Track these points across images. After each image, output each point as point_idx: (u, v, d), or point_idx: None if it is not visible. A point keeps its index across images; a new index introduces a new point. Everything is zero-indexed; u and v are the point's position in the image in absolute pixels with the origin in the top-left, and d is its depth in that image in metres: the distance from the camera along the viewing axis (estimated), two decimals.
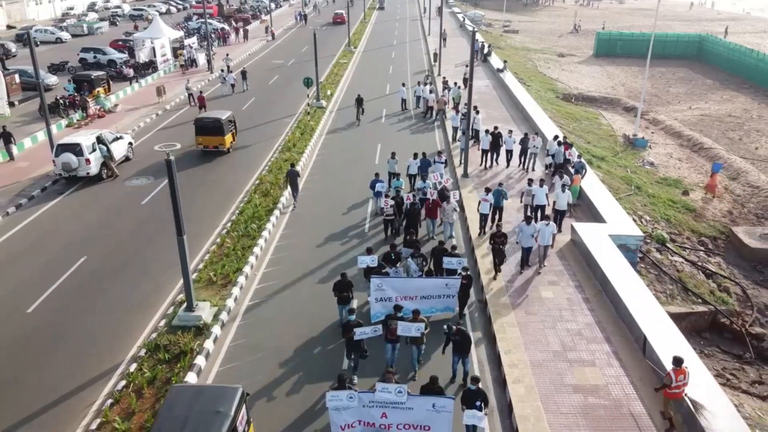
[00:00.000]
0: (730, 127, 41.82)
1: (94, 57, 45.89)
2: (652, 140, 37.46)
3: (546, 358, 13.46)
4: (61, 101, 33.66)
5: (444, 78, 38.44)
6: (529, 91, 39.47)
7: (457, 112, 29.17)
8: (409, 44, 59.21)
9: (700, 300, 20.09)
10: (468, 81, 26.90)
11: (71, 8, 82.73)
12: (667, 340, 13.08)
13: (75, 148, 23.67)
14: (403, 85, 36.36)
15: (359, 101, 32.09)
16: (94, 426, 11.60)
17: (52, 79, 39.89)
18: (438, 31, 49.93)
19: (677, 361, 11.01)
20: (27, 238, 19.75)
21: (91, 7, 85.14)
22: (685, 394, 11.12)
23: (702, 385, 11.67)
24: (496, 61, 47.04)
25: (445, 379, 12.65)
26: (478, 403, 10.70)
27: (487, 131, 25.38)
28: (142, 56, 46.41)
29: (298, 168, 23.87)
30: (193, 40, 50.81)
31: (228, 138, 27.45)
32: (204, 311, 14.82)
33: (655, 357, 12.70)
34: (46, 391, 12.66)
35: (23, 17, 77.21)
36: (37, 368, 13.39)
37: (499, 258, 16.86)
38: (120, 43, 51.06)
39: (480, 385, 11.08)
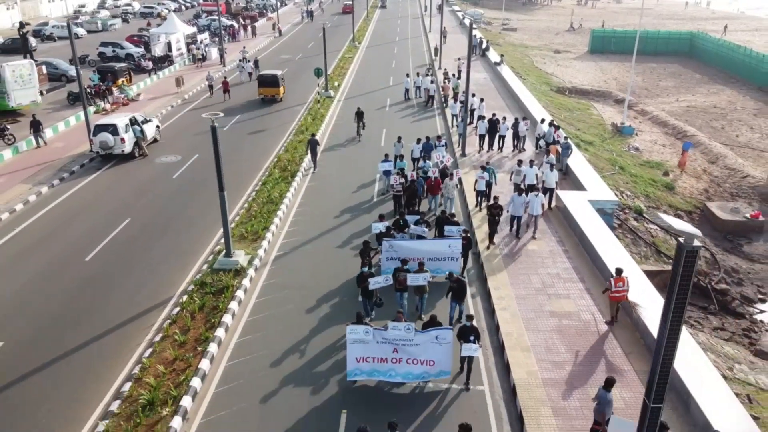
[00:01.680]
0: (714, 117, 44.40)
1: (113, 51, 48.45)
2: (638, 128, 40.05)
3: (529, 293, 16.03)
4: (88, 90, 36.21)
5: (444, 70, 41.01)
6: (524, 84, 42.02)
7: (457, 100, 31.73)
8: (410, 40, 61.79)
9: (671, 260, 22.64)
10: (461, 73, 29.39)
11: (83, 6, 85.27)
12: (634, 281, 15.60)
13: (111, 128, 26.28)
14: (407, 75, 38.92)
15: (359, 114, 29.40)
16: (157, 338, 14.18)
17: (73, 71, 42.43)
18: (438, 28, 52.52)
19: (618, 271, 14.04)
20: (73, 205, 22.33)
21: (102, 5, 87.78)
22: (627, 299, 14.03)
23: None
24: (493, 56, 49.62)
25: (443, 323, 14.99)
26: (471, 338, 12.70)
27: (483, 117, 27.92)
28: (158, 50, 48.95)
29: (317, 137, 26.81)
30: (205, 36, 53.43)
31: (281, 90, 36.64)
32: (240, 257, 17.41)
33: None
34: (113, 317, 15.24)
35: (36, 14, 79.92)
36: (103, 301, 15.97)
37: (492, 228, 18.98)
38: (135, 38, 53.62)
39: (474, 322, 13.22)
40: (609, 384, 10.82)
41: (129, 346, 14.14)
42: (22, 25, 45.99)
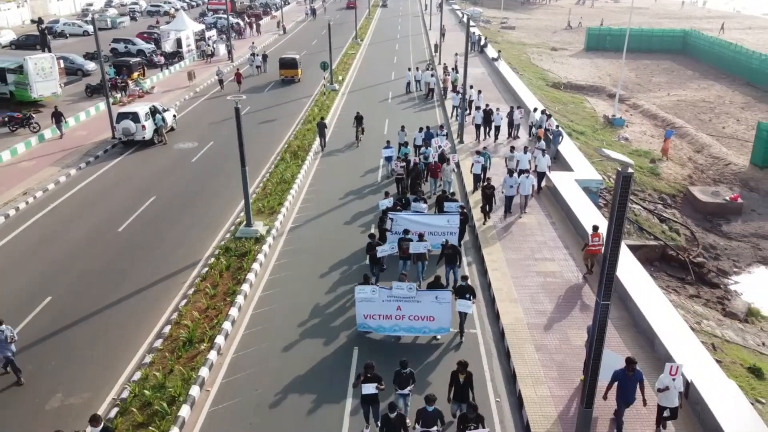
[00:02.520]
0: (703, 110, 46.32)
1: (125, 47, 50.33)
2: (629, 120, 41.98)
3: (518, 257, 17.96)
4: (107, 83, 38.07)
5: (444, 64, 42.92)
6: (521, 79, 43.92)
7: (457, 92, 33.67)
8: (411, 38, 63.71)
9: (652, 237, 24.60)
10: (456, 68, 31.30)
11: (90, 4, 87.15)
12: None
13: (133, 116, 28.21)
14: (409, 69, 40.84)
15: (358, 119, 28.91)
16: (190, 292, 16.10)
17: (91, 65, 44.44)
18: (438, 26, 54.44)
19: (594, 228, 16.03)
20: (101, 185, 24.26)
21: (109, 4, 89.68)
22: (602, 252, 15.96)
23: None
24: (491, 52, 51.54)
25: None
26: (467, 295, 14.51)
27: (478, 108, 29.83)
28: (167, 47, 50.85)
29: (326, 120, 29.28)
30: (212, 33, 55.36)
31: (299, 71, 41.84)
32: (259, 227, 19.34)
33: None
34: (150, 275, 17.18)
35: (45, 12, 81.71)
36: (139, 263, 17.90)
37: (489, 205, 20.80)
38: (145, 35, 55.50)
39: (468, 282, 15.04)
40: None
41: (167, 298, 16.09)
42: (41, 21, 47.94)
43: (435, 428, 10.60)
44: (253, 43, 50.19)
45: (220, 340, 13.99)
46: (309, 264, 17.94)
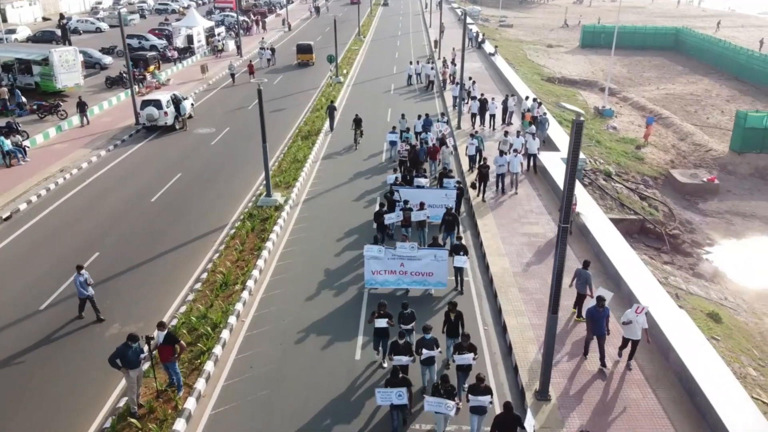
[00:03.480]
0: (689, 103, 48.70)
1: (139, 42, 52.68)
2: (618, 112, 44.34)
3: (507, 222, 20.34)
4: (125, 75, 40.53)
5: (444, 58, 45.32)
6: (516, 74, 46.28)
7: (455, 84, 36.03)
8: (412, 35, 66.09)
9: (632, 212, 26.98)
10: (455, 62, 33.69)
11: (99, 2, 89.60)
12: (595, 215, 19.82)
13: (156, 103, 30.60)
14: (410, 63, 43.23)
15: (357, 122, 28.95)
16: (221, 248, 18.51)
17: (107, 59, 46.89)
18: (438, 23, 56.83)
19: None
20: (130, 164, 26.65)
21: (117, 1, 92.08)
22: (578, 212, 18.38)
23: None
24: (488, 48, 53.92)
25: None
26: (461, 253, 17.08)
27: (474, 97, 32.19)
28: (179, 42, 53.24)
29: (335, 104, 32.05)
30: (221, 30, 57.73)
31: (313, 56, 48.12)
32: (278, 197, 21.75)
33: (581, 221, 19.53)
34: (183, 236, 19.58)
35: (56, 10, 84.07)
36: (173, 226, 20.29)
37: (483, 182, 23.13)
38: (157, 31, 57.89)
39: (462, 241, 17.42)
40: (586, 265, 15.00)
41: (201, 252, 18.54)
42: (62, 16, 50.25)
43: (436, 352, 12.88)
44: (263, 38, 52.68)
45: (250, 283, 16.40)
46: (323, 229, 20.33)
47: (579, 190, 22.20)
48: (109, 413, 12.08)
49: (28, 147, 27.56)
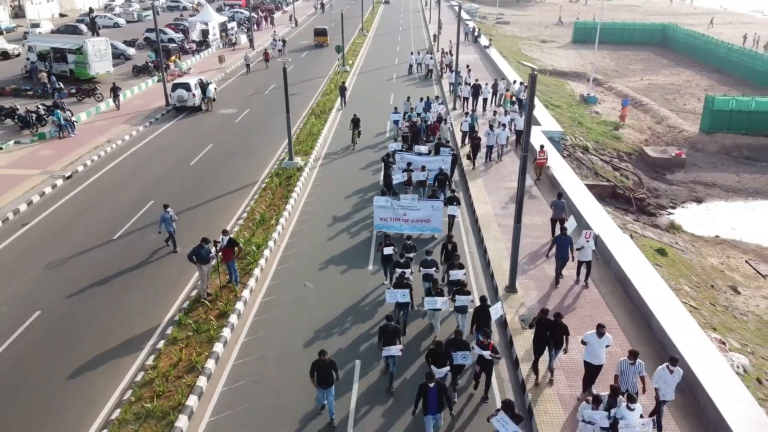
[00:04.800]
0: (669, 92, 52.57)
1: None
2: (602, 99, 48.19)
3: (492, 180, 24.23)
4: (150, 64, 44.45)
5: (442, 49, 49.19)
6: (510, 65, 50.11)
7: (452, 72, 39.91)
8: (412, 30, 69.97)
9: (605, 179, 30.84)
10: (452, 52, 37.57)
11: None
12: (570, 179, 23.59)
13: (186, 86, 34.47)
14: (411, 53, 47.12)
15: (355, 122, 29.35)
16: (256, 196, 22.39)
17: (131, 50, 50.74)
18: (437, 19, 60.73)
19: (540, 146, 21.98)
20: (166, 138, 30.50)
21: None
22: (546, 164, 22.13)
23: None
24: (484, 41, 57.80)
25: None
26: (454, 203, 20.95)
27: (468, 83, 36.03)
28: (194, 36, 57.08)
29: (346, 84, 36.34)
30: (233, 24, 61.59)
31: (328, 38, 57.63)
32: (298, 161, 25.62)
33: (551, 173, 23.40)
34: (222, 189, 23.45)
35: (72, 7, 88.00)
36: (212, 183, 24.14)
37: (475, 152, 26.94)
38: (173, 26, 61.72)
39: (455, 194, 21.25)
40: (560, 196, 18.87)
41: (239, 200, 22.53)
42: (91, 10, 54.01)
43: (433, 269, 16.55)
44: (274, 31, 56.57)
45: (282, 220, 20.27)
46: (337, 187, 24.19)
47: (556, 156, 26.05)
48: (184, 300, 15.97)
49: (76, 122, 31.41)
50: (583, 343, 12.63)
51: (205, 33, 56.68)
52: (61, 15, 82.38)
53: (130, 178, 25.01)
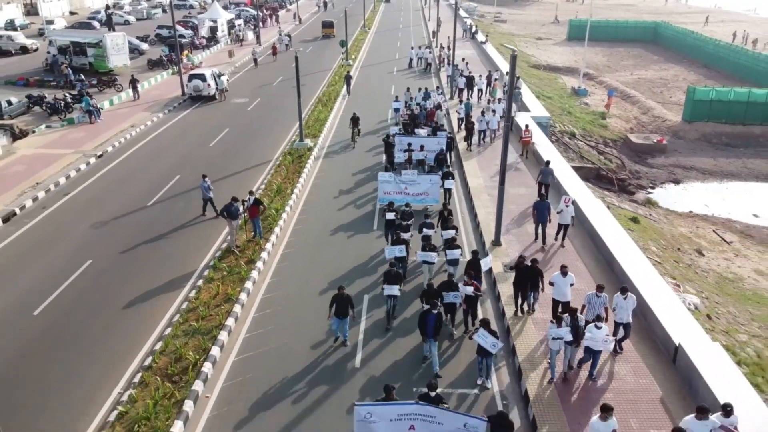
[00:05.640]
0: (657, 85, 55.14)
1: (168, 32, 59.04)
2: (592, 92, 50.75)
3: (484, 159, 26.78)
4: (164, 58, 47.03)
5: (440, 44, 51.80)
6: (507, 61, 52.65)
7: (449, 65, 42.49)
8: (412, 28, 72.54)
9: (590, 162, 33.40)
10: (449, 47, 40.16)
11: None
12: (551, 154, 26.15)
13: (201, 77, 37.05)
14: (411, 48, 49.74)
15: (355, 120, 29.96)
16: (272, 171, 24.97)
17: (144, 46, 53.37)
18: (436, 17, 63.36)
19: (525, 126, 24.46)
20: (185, 123, 33.07)
21: None
22: (530, 142, 24.66)
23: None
24: (481, 37, 60.40)
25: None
26: (450, 178, 23.48)
27: (462, 74, 38.59)
28: (203, 32, 59.64)
29: (351, 73, 39.26)
30: (240, 22, 64.17)
31: (334, 30, 62.80)
32: (308, 142, 28.20)
33: (534, 149, 25.95)
34: (242, 165, 26.03)
35: (81, 5, 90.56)
36: (232, 160, 26.71)
37: (469, 135, 29.51)
38: (182, 23, 64.25)
39: (450, 169, 23.76)
40: (548, 163, 21.40)
41: (259, 173, 25.18)
42: (108, 7, 56.48)
43: (431, 230, 18.99)
44: (280, 27, 59.16)
45: (296, 191, 22.86)
46: (344, 165, 26.76)
47: (542, 138, 28.62)
48: (215, 253, 18.54)
49: (101, 109, 33.98)
50: (551, 284, 15.08)
51: (213, 30, 59.26)
52: (71, 13, 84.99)
53: (157, 156, 27.61)
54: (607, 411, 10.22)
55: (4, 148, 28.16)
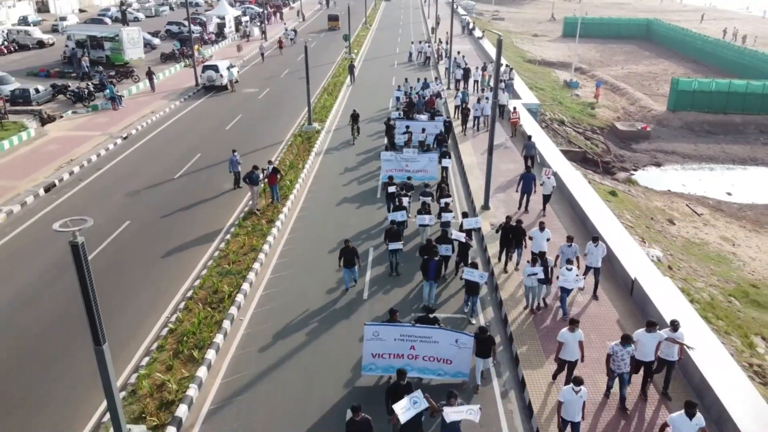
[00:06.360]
0: (646, 79, 57.64)
1: (178, 28, 61.64)
2: (584, 84, 53.25)
3: (478, 141, 29.29)
4: (176, 52, 49.54)
5: (439, 39, 54.33)
6: (503, 56, 55.14)
7: (447, 58, 44.98)
8: (412, 24, 75.01)
9: (577, 146, 35.90)
10: (448, 42, 42.67)
11: None
12: (545, 143, 28.64)
13: (215, 68, 39.57)
14: (411, 43, 52.24)
15: (354, 117, 30.22)
16: (284, 150, 27.47)
17: (156, 41, 55.85)
18: (435, 14, 65.90)
19: (514, 108, 26.96)
20: (201, 110, 35.57)
21: None
22: (520, 124, 27.16)
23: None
24: (477, 33, 62.90)
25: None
26: (447, 157, 26.02)
27: (459, 65, 41.09)
28: (211, 28, 62.12)
29: (354, 63, 41.67)
30: (246, 18, 66.64)
31: (339, 23, 66.94)
32: (316, 125, 30.70)
33: (522, 129, 28.43)
34: (257, 144, 28.52)
35: (90, 3, 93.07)
36: (248, 140, 29.21)
37: (465, 121, 32.06)
38: (191, 19, 66.76)
39: (447, 149, 26.25)
40: (530, 138, 23.94)
41: (270, 154, 27.48)
42: (122, 3, 58.98)
43: (429, 198, 21.42)
44: (285, 23, 61.66)
45: (306, 167, 25.39)
46: (348, 147, 29.25)
47: (530, 121, 31.13)
48: (238, 215, 21.05)
49: (123, 97, 36.49)
50: (530, 238, 17.55)
51: (221, 26, 61.76)
52: (81, 11, 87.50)
53: (178, 138, 30.12)
54: (574, 323, 12.63)
55: (36, 130, 30.70)
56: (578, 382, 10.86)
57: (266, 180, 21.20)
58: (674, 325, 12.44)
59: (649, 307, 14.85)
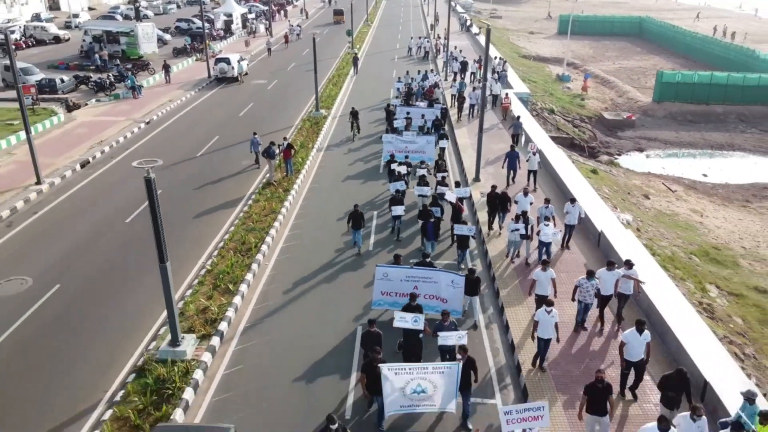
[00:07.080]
0: (636, 73, 60.27)
1: (187, 25, 64.30)
2: (575, 78, 55.88)
3: (473, 126, 31.89)
4: (188, 47, 52.19)
5: (437, 34, 56.98)
6: (498, 51, 57.77)
7: (445, 53, 47.63)
8: (411, 22, 77.63)
9: (566, 133, 38.54)
10: (446, 37, 45.29)
11: None
12: (533, 125, 31.26)
13: (226, 60, 42.22)
14: (411, 38, 54.91)
15: (354, 114, 30.79)
16: (294, 133, 30.12)
17: (167, 36, 58.50)
18: (434, 12, 68.62)
19: (506, 94, 29.62)
20: (215, 99, 38.21)
21: None
22: (511, 109, 29.79)
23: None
24: (475, 29, 65.52)
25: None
26: (444, 139, 28.63)
27: (456, 59, 43.73)
28: (218, 25, 64.77)
29: (358, 55, 44.42)
30: (252, 15, 69.28)
31: (344, 17, 69.18)
32: (323, 112, 33.36)
33: (513, 114, 31.02)
34: (272, 127, 31.12)
35: (99, 1, 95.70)
36: (261, 124, 31.75)
37: (460, 108, 34.73)
38: (199, 16, 69.39)
39: (444, 132, 28.90)
40: (518, 118, 26.60)
41: (283, 133, 30.10)
42: (136, 0, 61.55)
43: (425, 171, 24.04)
44: (290, 20, 64.36)
45: (316, 146, 28.03)
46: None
47: (520, 107, 33.76)
48: (257, 186, 23.69)
49: (143, 86, 39.14)
50: (515, 201, 20.18)
51: (228, 23, 64.42)
52: (90, 8, 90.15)
53: (196, 123, 32.77)
54: (545, 264, 15.25)
55: (65, 116, 33.35)
56: (549, 303, 13.47)
57: (281, 154, 23.83)
58: (629, 264, 15.05)
59: (613, 255, 17.47)
